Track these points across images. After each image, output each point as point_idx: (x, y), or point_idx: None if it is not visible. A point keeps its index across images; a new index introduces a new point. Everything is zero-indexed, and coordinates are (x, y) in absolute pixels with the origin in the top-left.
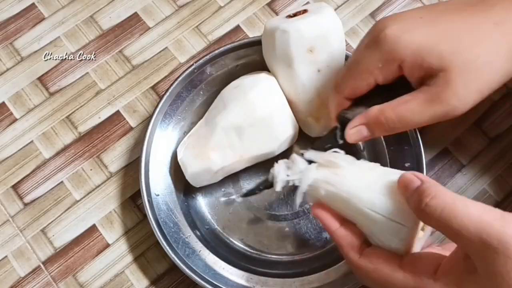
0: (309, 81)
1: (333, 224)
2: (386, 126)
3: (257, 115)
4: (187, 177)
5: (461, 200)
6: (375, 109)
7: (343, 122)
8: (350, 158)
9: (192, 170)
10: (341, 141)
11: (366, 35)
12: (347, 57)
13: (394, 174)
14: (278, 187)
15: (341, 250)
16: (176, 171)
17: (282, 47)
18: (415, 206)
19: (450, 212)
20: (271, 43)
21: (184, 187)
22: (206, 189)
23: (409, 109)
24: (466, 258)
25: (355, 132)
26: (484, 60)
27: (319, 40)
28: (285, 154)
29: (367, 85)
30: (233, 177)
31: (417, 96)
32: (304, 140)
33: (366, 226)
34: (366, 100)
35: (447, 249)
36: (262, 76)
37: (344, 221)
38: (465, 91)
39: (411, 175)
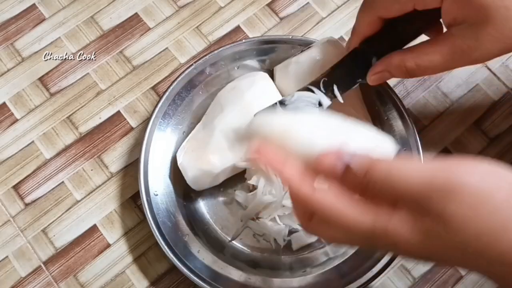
0: (331, 107)
1: (279, 158)
2: (406, 73)
3: None
4: (188, 181)
5: (398, 163)
6: (396, 58)
7: (366, 57)
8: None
9: (192, 174)
10: (362, 81)
11: None
12: None
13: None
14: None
15: (291, 187)
16: (175, 171)
17: (297, 79)
18: (354, 187)
19: (388, 182)
20: (285, 79)
21: (183, 187)
22: (205, 189)
23: (430, 60)
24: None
25: (377, 77)
26: None
27: (332, 64)
28: None
29: (402, 9)
30: (232, 177)
31: (441, 48)
32: None
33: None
34: (379, 41)
35: None
36: (258, 76)
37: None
38: (491, 47)
39: (327, 160)
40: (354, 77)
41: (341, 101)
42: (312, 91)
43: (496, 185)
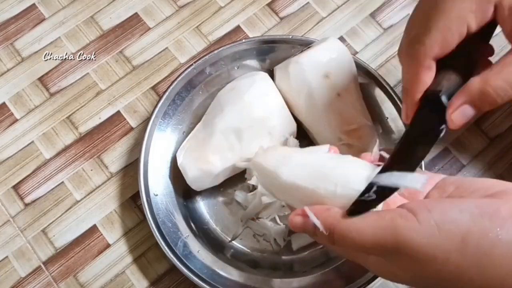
0: (331, 107)
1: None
2: (496, 97)
3: (255, 115)
4: (188, 182)
5: (352, 224)
6: (475, 81)
7: (434, 101)
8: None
9: (192, 174)
10: (443, 128)
11: None
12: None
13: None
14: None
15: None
16: (175, 171)
17: (297, 78)
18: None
19: (347, 241)
20: (285, 79)
21: (183, 187)
22: (205, 189)
23: None
24: None
25: (459, 114)
26: None
27: (332, 64)
28: None
29: (459, 36)
30: (232, 177)
31: None
32: (303, 138)
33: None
34: (447, 71)
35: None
36: (258, 76)
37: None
38: None
39: (297, 221)
40: (431, 134)
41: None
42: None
43: (446, 242)
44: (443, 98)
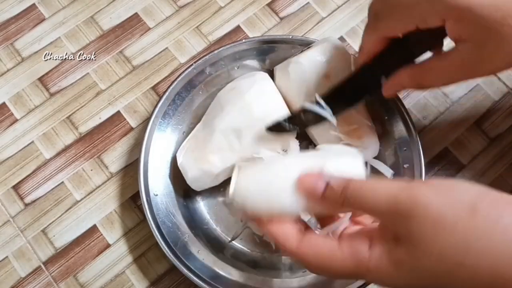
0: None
1: (265, 221)
2: (417, 87)
3: (255, 115)
4: (188, 182)
5: (367, 182)
6: (405, 76)
7: (375, 76)
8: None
9: (192, 174)
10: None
11: None
12: None
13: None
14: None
15: (278, 244)
16: (175, 171)
17: (297, 78)
18: (332, 204)
19: (360, 197)
20: (285, 79)
21: (183, 187)
22: (205, 189)
23: (438, 76)
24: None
25: (390, 90)
26: None
27: (332, 64)
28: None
29: (405, 28)
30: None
31: (449, 64)
32: (303, 138)
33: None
34: (383, 62)
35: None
36: (258, 76)
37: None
38: (499, 63)
39: (309, 180)
40: (361, 93)
41: (334, 122)
42: (319, 104)
43: (456, 204)
44: (382, 79)
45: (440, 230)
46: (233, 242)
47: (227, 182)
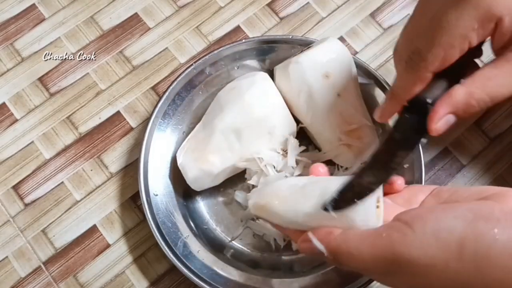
0: (331, 107)
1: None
2: (477, 108)
3: (254, 115)
4: (188, 182)
5: (354, 245)
6: (460, 93)
7: (421, 107)
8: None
9: (192, 174)
10: (425, 140)
11: None
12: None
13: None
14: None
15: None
16: (175, 171)
17: (297, 78)
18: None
19: (350, 260)
20: (285, 79)
21: (183, 187)
22: (205, 189)
23: (499, 84)
24: None
25: (443, 123)
26: None
27: (332, 64)
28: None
29: (460, 52)
30: (232, 177)
31: (503, 66)
32: (303, 138)
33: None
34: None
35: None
36: (258, 76)
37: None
38: None
39: (304, 246)
40: (413, 140)
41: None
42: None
43: (444, 248)
44: (429, 106)
45: (431, 277)
46: (233, 242)
47: (227, 182)
